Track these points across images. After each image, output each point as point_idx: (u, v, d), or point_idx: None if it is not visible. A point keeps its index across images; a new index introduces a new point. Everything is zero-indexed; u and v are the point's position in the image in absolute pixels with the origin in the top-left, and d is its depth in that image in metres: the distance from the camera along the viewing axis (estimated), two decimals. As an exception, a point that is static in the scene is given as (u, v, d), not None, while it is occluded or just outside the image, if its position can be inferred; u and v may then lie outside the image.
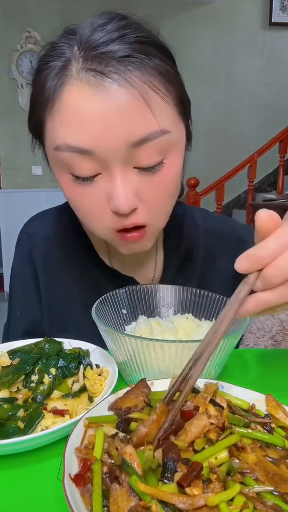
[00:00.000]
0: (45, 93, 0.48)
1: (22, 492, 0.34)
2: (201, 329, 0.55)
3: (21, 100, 3.81)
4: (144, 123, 0.45)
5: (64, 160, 0.48)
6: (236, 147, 4.03)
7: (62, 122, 0.46)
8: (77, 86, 0.45)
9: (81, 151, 0.46)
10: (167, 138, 0.48)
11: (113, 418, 0.36)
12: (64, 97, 0.46)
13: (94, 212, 0.51)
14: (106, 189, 0.48)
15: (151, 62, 0.46)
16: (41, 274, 0.70)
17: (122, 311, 0.60)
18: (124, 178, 0.47)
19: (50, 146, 0.49)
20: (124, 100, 0.44)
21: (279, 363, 0.57)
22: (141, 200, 0.50)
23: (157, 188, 0.50)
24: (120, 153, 0.46)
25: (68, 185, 0.51)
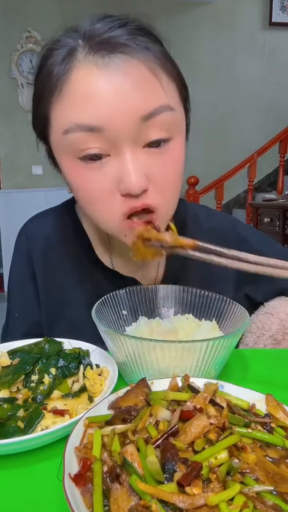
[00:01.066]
0: (51, 80, 0.48)
1: (22, 492, 0.34)
2: (201, 330, 0.55)
3: (21, 100, 3.81)
4: (154, 96, 0.46)
5: (73, 143, 0.48)
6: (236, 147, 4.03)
7: (71, 104, 0.47)
8: (85, 69, 0.46)
9: (91, 128, 0.46)
10: (173, 115, 0.49)
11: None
12: (72, 80, 0.46)
13: (102, 198, 0.50)
14: (116, 171, 0.48)
15: (154, 46, 0.48)
16: (40, 276, 0.69)
17: (122, 312, 0.59)
18: (134, 158, 0.47)
19: (58, 132, 0.49)
20: (134, 73, 0.45)
21: (279, 363, 0.57)
22: (151, 181, 0.49)
23: (166, 167, 0.50)
24: (131, 129, 0.46)
25: (75, 171, 0.50)
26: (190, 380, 0.41)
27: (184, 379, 0.41)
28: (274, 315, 0.64)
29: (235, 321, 0.54)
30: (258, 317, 0.66)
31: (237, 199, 4.35)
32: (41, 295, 0.70)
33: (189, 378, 0.41)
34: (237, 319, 0.53)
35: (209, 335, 0.53)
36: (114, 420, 0.35)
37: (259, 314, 0.66)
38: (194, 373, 0.46)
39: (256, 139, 3.85)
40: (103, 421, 0.35)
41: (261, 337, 0.65)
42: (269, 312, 0.65)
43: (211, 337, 0.44)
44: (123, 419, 0.35)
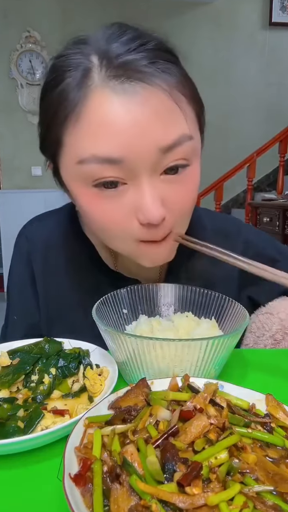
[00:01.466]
0: (67, 105, 0.45)
1: (22, 492, 0.34)
2: (201, 328, 0.55)
3: (21, 100, 3.81)
4: (174, 126, 0.44)
5: (88, 173, 0.46)
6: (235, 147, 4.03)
7: (88, 134, 0.44)
8: (102, 95, 0.43)
9: (110, 160, 0.44)
10: (192, 144, 0.47)
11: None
12: (89, 108, 0.44)
13: (120, 226, 0.49)
14: (133, 200, 0.47)
15: (175, 68, 0.45)
16: (39, 278, 0.69)
17: (123, 310, 0.60)
18: (152, 187, 0.46)
19: (71, 160, 0.47)
20: (155, 102, 0.43)
21: (279, 363, 0.57)
22: (168, 208, 0.48)
23: (182, 195, 0.49)
24: (150, 160, 0.44)
25: (89, 199, 0.48)
26: (190, 380, 0.41)
27: (184, 379, 0.41)
28: (274, 315, 0.64)
29: (235, 320, 0.54)
30: (258, 317, 0.66)
31: (236, 199, 4.36)
32: (41, 298, 0.69)
33: (189, 378, 0.41)
34: (237, 318, 0.53)
35: (208, 333, 0.53)
36: (114, 420, 0.35)
37: (259, 314, 0.66)
38: (194, 373, 0.46)
39: (255, 139, 3.85)
40: (103, 421, 0.35)
41: (261, 337, 0.65)
42: (269, 312, 0.65)
43: (210, 335, 0.44)
44: (123, 419, 0.35)
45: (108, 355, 0.51)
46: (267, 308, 0.66)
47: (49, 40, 3.74)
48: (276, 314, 0.64)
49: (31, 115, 3.82)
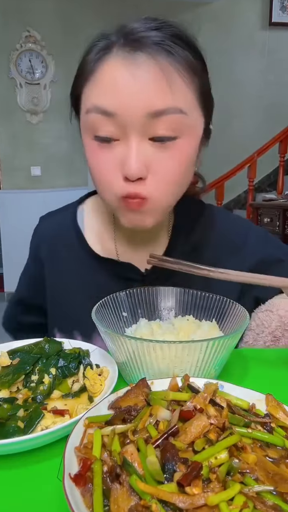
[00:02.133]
0: (87, 66, 0.55)
1: (22, 492, 0.34)
2: (202, 330, 0.55)
3: (20, 99, 3.80)
4: (162, 97, 0.51)
5: (91, 123, 0.54)
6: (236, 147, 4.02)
7: (96, 88, 0.53)
8: (114, 60, 0.52)
9: (106, 112, 0.52)
10: (182, 118, 0.52)
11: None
12: (102, 68, 0.53)
13: (108, 177, 0.55)
14: (121, 155, 0.53)
15: (181, 52, 0.52)
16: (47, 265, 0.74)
17: (122, 313, 0.60)
18: (138, 147, 0.52)
19: (83, 111, 0.56)
20: (149, 74, 0.50)
21: (279, 362, 0.57)
22: (150, 171, 0.54)
23: (166, 162, 0.54)
24: (139, 121, 0.51)
25: (91, 149, 0.56)
26: (190, 380, 0.41)
27: (184, 379, 0.41)
28: (274, 312, 0.64)
29: (235, 321, 0.54)
30: (258, 315, 0.66)
31: (238, 199, 4.35)
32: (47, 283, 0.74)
33: (189, 378, 0.41)
34: (237, 319, 0.53)
35: (209, 335, 0.53)
36: (114, 420, 0.35)
37: (259, 312, 0.67)
38: (194, 373, 0.46)
39: (256, 139, 3.85)
40: (103, 421, 0.35)
41: (260, 334, 0.65)
42: (268, 309, 0.65)
43: (211, 336, 0.44)
44: (123, 419, 0.35)
45: (108, 355, 0.51)
46: (267, 306, 0.66)
47: (49, 39, 3.74)
48: (275, 311, 0.64)
49: (30, 115, 3.81)
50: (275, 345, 0.64)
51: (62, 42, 3.74)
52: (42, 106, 3.82)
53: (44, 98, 3.81)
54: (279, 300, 0.66)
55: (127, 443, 0.32)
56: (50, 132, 3.82)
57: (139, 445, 0.31)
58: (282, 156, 3.70)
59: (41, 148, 3.85)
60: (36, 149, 3.87)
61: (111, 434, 0.33)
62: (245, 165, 3.59)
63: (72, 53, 3.11)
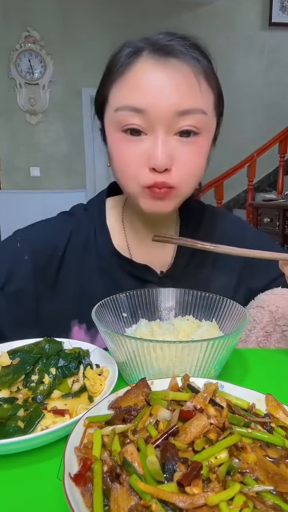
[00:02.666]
0: (117, 67, 0.58)
1: (22, 492, 0.34)
2: (202, 330, 0.55)
3: (20, 100, 3.80)
4: (191, 98, 0.56)
5: (120, 120, 0.57)
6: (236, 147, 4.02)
7: (127, 88, 0.57)
8: (145, 63, 0.56)
9: (135, 109, 0.56)
10: (204, 118, 0.58)
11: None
12: (134, 70, 0.57)
13: (133, 167, 0.59)
14: (148, 149, 0.57)
15: (203, 60, 0.58)
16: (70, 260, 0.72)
17: (122, 314, 0.60)
18: (164, 140, 0.57)
19: (111, 109, 0.59)
20: (181, 76, 0.55)
21: (278, 362, 0.57)
22: (175, 163, 0.58)
23: (190, 156, 0.59)
24: (167, 117, 0.55)
25: (118, 142, 0.60)
26: (190, 380, 0.41)
27: (184, 379, 0.41)
28: (265, 308, 0.66)
29: (235, 321, 0.54)
30: (249, 311, 0.67)
31: (237, 199, 4.36)
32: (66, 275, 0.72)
33: (189, 378, 0.41)
34: (237, 319, 0.53)
35: (209, 335, 0.53)
36: (114, 420, 0.35)
37: (250, 308, 0.68)
38: (194, 373, 0.46)
39: (256, 139, 3.85)
40: (103, 421, 0.35)
41: (252, 330, 0.66)
42: (259, 306, 0.67)
43: (211, 336, 0.44)
44: (123, 419, 0.35)
45: (108, 355, 0.51)
46: (257, 302, 0.67)
47: (49, 39, 3.74)
48: (266, 307, 0.66)
49: (29, 115, 3.81)
50: (267, 340, 0.65)
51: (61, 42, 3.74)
52: (41, 107, 3.82)
53: (43, 99, 3.81)
54: (269, 296, 0.67)
55: (127, 443, 0.32)
56: (49, 133, 3.82)
57: (139, 445, 0.31)
58: (282, 156, 3.71)
59: (40, 149, 3.85)
60: (35, 150, 3.87)
61: (111, 434, 0.33)
62: (244, 165, 3.60)
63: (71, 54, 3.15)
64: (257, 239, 0.78)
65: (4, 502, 0.33)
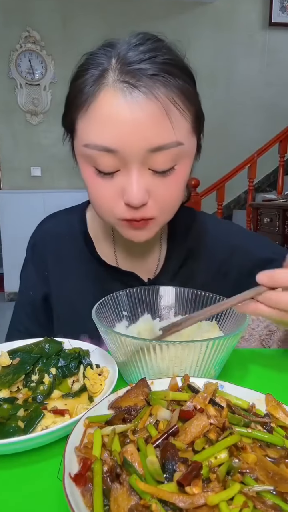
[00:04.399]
0: (82, 96, 0.54)
1: (22, 492, 0.34)
2: (201, 330, 0.55)
3: (20, 100, 3.80)
4: (163, 133, 0.52)
5: (91, 156, 0.54)
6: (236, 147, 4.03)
7: (94, 123, 0.53)
8: (112, 94, 0.51)
9: (107, 149, 0.52)
10: (180, 149, 0.54)
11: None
12: (99, 101, 0.52)
13: (109, 203, 0.57)
14: (123, 184, 0.55)
15: (175, 82, 0.53)
16: (52, 266, 0.75)
17: (122, 313, 0.60)
18: (139, 176, 0.54)
19: (80, 142, 0.56)
20: (149, 111, 0.51)
21: (279, 363, 0.57)
22: (151, 197, 0.56)
23: (166, 188, 0.56)
24: (139, 155, 0.52)
25: (91, 176, 0.57)
26: (190, 380, 0.41)
27: (184, 379, 0.41)
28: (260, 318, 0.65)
29: (235, 321, 0.54)
30: None
31: (238, 200, 4.35)
32: (52, 284, 0.75)
33: (189, 378, 0.41)
34: (237, 319, 0.53)
35: (209, 335, 0.53)
36: (114, 420, 0.35)
37: None
38: (194, 373, 0.46)
39: (256, 139, 3.85)
40: (103, 421, 0.35)
41: (256, 328, 0.66)
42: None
43: (211, 337, 0.44)
44: (123, 419, 0.35)
45: (108, 355, 0.51)
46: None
47: (49, 40, 3.74)
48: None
49: (30, 115, 3.81)
50: (270, 338, 0.65)
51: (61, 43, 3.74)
52: (42, 107, 3.82)
53: (44, 99, 3.81)
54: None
55: (127, 443, 0.32)
56: (50, 133, 3.82)
57: (139, 445, 0.31)
58: (282, 156, 3.70)
59: (41, 149, 3.85)
60: (36, 150, 3.87)
61: (111, 434, 0.33)
62: (245, 166, 3.59)
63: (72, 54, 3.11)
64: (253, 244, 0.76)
65: (4, 502, 0.33)
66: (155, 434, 0.32)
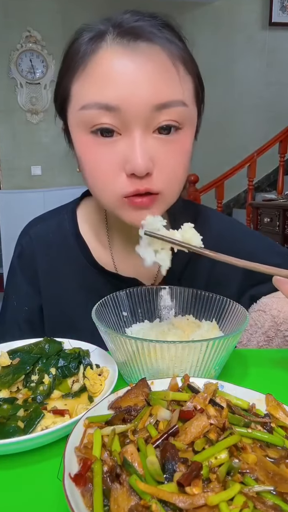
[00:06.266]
0: (77, 57, 0.50)
1: (22, 492, 0.34)
2: (201, 330, 0.55)
3: (20, 99, 3.80)
4: (170, 90, 0.48)
5: (88, 118, 0.49)
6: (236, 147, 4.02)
7: (93, 82, 0.48)
8: (111, 50, 0.47)
9: (108, 107, 0.48)
10: (185, 111, 0.50)
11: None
12: (98, 59, 0.48)
13: (108, 174, 0.51)
14: (124, 151, 0.50)
15: (179, 42, 0.50)
16: (43, 277, 0.70)
17: (122, 313, 0.60)
18: (143, 141, 0.49)
19: (76, 107, 0.51)
20: (156, 63, 0.47)
21: (279, 363, 0.57)
22: (156, 166, 0.51)
23: (172, 155, 0.52)
24: (143, 114, 0.48)
25: (87, 146, 0.52)
26: (190, 380, 0.41)
27: (184, 379, 0.41)
28: (267, 312, 0.65)
29: (235, 321, 0.54)
30: (251, 315, 0.66)
31: (237, 199, 4.35)
32: (44, 296, 0.70)
33: (189, 378, 0.41)
34: (237, 319, 0.53)
35: (209, 335, 0.53)
36: (114, 420, 0.35)
37: (252, 312, 0.67)
38: (194, 373, 0.46)
39: (256, 139, 3.85)
40: (103, 421, 0.35)
41: (254, 334, 0.65)
42: (261, 309, 0.66)
43: (211, 337, 0.44)
44: (123, 419, 0.35)
45: (108, 355, 0.51)
46: (259, 306, 0.67)
47: (49, 39, 3.74)
48: (268, 311, 0.65)
49: (31, 115, 3.81)
50: (268, 345, 0.64)
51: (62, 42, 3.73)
52: (43, 106, 3.82)
53: (45, 98, 3.82)
54: (271, 300, 0.66)
55: (127, 443, 0.32)
56: (50, 132, 3.81)
57: (139, 445, 0.31)
58: (282, 156, 3.70)
59: (41, 148, 3.85)
60: (37, 149, 3.87)
61: (111, 434, 0.33)
62: (245, 165, 3.59)
63: (72, 53, 3.01)
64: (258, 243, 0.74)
65: (4, 502, 0.33)
66: (155, 434, 0.32)
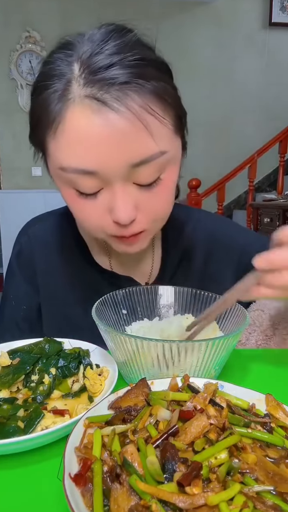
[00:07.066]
0: (48, 115, 0.49)
1: (22, 492, 0.34)
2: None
3: (21, 100, 3.81)
4: (143, 146, 0.48)
5: (69, 179, 0.51)
6: (236, 148, 4.03)
7: (67, 145, 0.48)
8: (80, 110, 0.46)
9: (85, 172, 0.49)
10: (165, 157, 0.50)
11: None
12: (68, 120, 0.47)
13: (97, 222, 0.54)
14: (108, 202, 0.51)
15: (149, 85, 0.47)
16: (41, 277, 0.71)
17: (122, 311, 0.60)
18: (124, 193, 0.50)
19: (54, 165, 0.51)
20: (124, 125, 0.46)
21: (278, 363, 0.57)
22: (140, 211, 0.53)
23: (154, 200, 0.53)
24: (121, 172, 0.49)
25: (72, 198, 0.53)
26: (190, 380, 0.41)
27: (184, 379, 0.41)
28: (265, 311, 0.65)
29: (235, 321, 0.54)
30: (250, 314, 0.67)
31: (238, 200, 4.36)
32: (42, 296, 0.72)
33: (189, 378, 0.41)
34: (237, 319, 0.53)
35: (209, 335, 0.53)
36: (114, 420, 0.35)
37: (250, 311, 0.68)
38: (194, 373, 0.46)
39: (256, 139, 3.85)
40: (103, 421, 0.35)
41: (252, 333, 0.66)
42: (260, 309, 0.66)
43: (211, 337, 0.44)
44: (123, 419, 0.35)
45: (108, 355, 0.51)
46: (258, 305, 0.67)
47: (49, 40, 3.73)
48: (266, 310, 0.65)
49: (31, 115, 3.83)
50: (266, 344, 0.65)
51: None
52: (43, 106, 3.84)
53: (45, 99, 3.83)
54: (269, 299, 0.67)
55: (127, 443, 0.32)
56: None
57: (139, 445, 0.31)
58: (282, 156, 3.71)
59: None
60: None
61: (111, 434, 0.33)
62: (245, 166, 3.60)
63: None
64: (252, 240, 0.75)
65: (4, 502, 0.33)
66: (155, 434, 0.32)
